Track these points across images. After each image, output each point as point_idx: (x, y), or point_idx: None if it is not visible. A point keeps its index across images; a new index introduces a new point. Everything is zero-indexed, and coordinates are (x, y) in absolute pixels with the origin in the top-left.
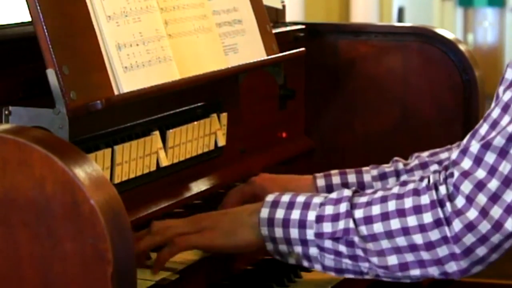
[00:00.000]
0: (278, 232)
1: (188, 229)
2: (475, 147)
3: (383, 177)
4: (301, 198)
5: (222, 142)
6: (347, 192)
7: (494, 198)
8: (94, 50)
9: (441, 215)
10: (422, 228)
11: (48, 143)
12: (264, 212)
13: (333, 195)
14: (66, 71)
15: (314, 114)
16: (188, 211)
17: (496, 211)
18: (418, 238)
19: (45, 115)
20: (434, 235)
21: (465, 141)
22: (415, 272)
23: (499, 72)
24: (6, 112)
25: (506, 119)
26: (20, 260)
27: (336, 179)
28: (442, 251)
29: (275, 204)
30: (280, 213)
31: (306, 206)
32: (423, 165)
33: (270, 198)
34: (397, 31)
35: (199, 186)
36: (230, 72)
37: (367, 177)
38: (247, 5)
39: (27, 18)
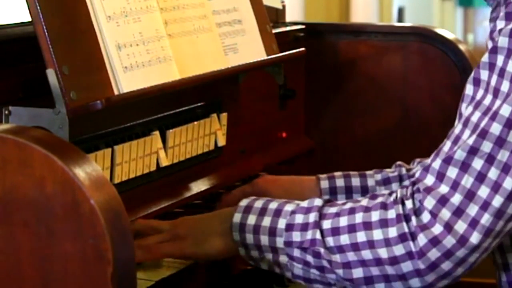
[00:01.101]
0: (249, 238)
1: (164, 237)
2: (437, 163)
3: (386, 182)
4: (273, 205)
5: (222, 142)
6: (317, 202)
7: (458, 212)
8: (94, 50)
9: (406, 230)
10: (387, 242)
11: (48, 143)
12: (237, 217)
13: (304, 203)
14: (66, 71)
15: (314, 114)
16: (188, 211)
17: (460, 226)
18: (383, 252)
19: (45, 115)
20: (399, 250)
21: (429, 160)
22: (380, 286)
23: None
24: (6, 112)
25: (466, 133)
26: (20, 260)
27: (340, 182)
28: (406, 266)
29: (247, 210)
30: (251, 219)
31: (277, 213)
32: None
33: (243, 203)
34: (397, 31)
35: (199, 186)
36: (230, 72)
37: (371, 182)
38: (247, 5)
39: (27, 18)
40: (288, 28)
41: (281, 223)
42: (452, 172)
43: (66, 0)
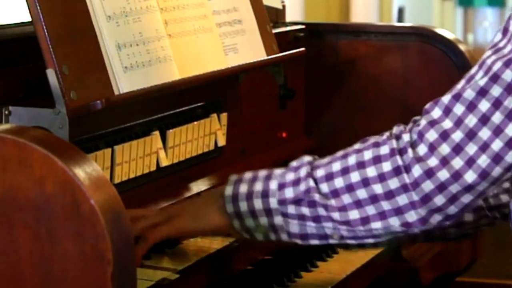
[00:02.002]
0: (243, 205)
1: (157, 220)
2: (447, 97)
3: None
4: (263, 173)
5: (222, 142)
6: (307, 158)
7: (457, 149)
8: (94, 50)
9: (400, 163)
10: (382, 178)
11: (48, 143)
12: (229, 190)
13: (293, 163)
14: (66, 71)
15: (314, 114)
16: None
17: (457, 162)
18: (378, 188)
19: (45, 115)
20: (394, 183)
21: (444, 95)
22: (377, 225)
23: None
24: (6, 112)
25: (479, 74)
26: (20, 260)
27: None
28: (402, 199)
29: (238, 181)
30: (243, 188)
31: (268, 177)
32: None
33: (233, 177)
34: (397, 31)
35: (199, 186)
36: (230, 72)
37: None
38: (247, 5)
39: (27, 18)
40: (288, 28)
41: (273, 184)
42: (458, 109)
43: (66, 0)
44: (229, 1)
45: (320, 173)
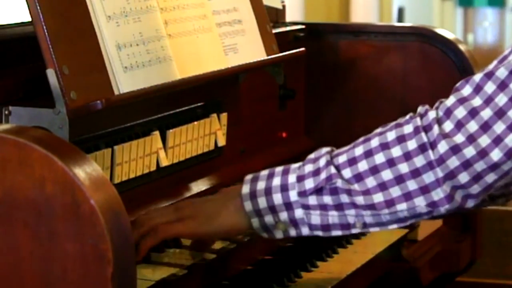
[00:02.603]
0: (262, 202)
1: (171, 218)
2: (478, 76)
3: None
4: (279, 168)
5: (222, 142)
6: (325, 149)
7: (485, 127)
8: (94, 50)
9: (425, 140)
10: (407, 156)
11: (48, 143)
12: (246, 188)
13: (311, 155)
14: (66, 71)
15: (314, 114)
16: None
17: (484, 140)
18: (403, 167)
19: (45, 115)
20: (420, 161)
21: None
22: (402, 206)
23: None
24: (6, 112)
25: None
26: (20, 260)
27: None
28: (428, 177)
29: (255, 179)
30: (261, 185)
31: (285, 172)
32: None
33: (249, 176)
34: (397, 31)
35: (199, 186)
36: (230, 72)
37: None
38: (247, 5)
39: (27, 18)
40: (288, 28)
41: (292, 178)
42: (489, 87)
43: (66, 0)
44: (229, 1)
45: (342, 159)
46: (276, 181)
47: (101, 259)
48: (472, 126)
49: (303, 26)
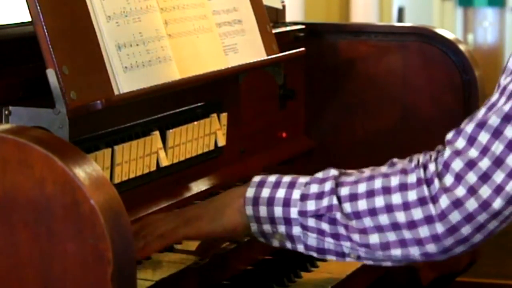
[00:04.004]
0: (263, 210)
1: (175, 223)
2: (470, 127)
3: None
4: (287, 178)
5: (222, 142)
6: (333, 172)
7: (484, 177)
8: (94, 50)
9: (426, 193)
10: (406, 206)
11: (48, 143)
12: (250, 192)
13: (319, 174)
14: (66, 71)
15: (314, 114)
16: None
17: (485, 191)
18: (401, 217)
19: (45, 115)
20: (417, 213)
21: (462, 124)
22: (396, 252)
23: (499, 72)
24: (6, 112)
25: (502, 100)
26: (20, 260)
27: None
28: (423, 231)
29: (261, 184)
30: (265, 192)
31: (291, 185)
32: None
33: (256, 178)
34: (397, 31)
35: (199, 186)
36: (230, 72)
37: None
38: (247, 5)
39: (27, 18)
40: (288, 28)
41: (296, 194)
42: (483, 137)
43: (66, 0)
44: (229, 1)
45: (344, 191)
46: (280, 193)
47: (101, 259)
48: (471, 178)
49: (303, 26)
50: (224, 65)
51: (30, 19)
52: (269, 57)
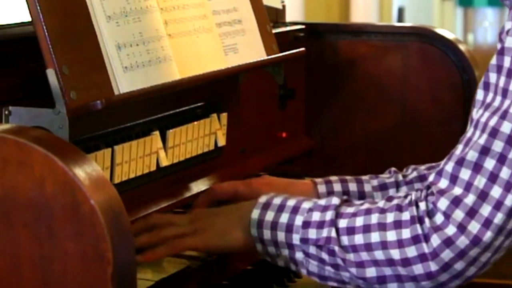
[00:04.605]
0: (267, 234)
1: (185, 230)
2: (449, 166)
3: (383, 187)
4: (291, 202)
5: (222, 142)
6: (335, 201)
7: (471, 213)
8: (94, 50)
9: (419, 232)
10: (400, 244)
11: (48, 143)
12: (255, 214)
13: (322, 201)
14: (66, 71)
15: (314, 114)
16: (188, 211)
17: (474, 226)
18: (395, 253)
19: (45, 115)
20: (411, 251)
21: (442, 163)
22: (393, 286)
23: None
24: (6, 112)
25: (477, 134)
26: (20, 260)
27: (337, 187)
28: (417, 269)
29: (266, 206)
30: (269, 216)
31: (295, 210)
32: (422, 178)
33: (262, 199)
34: (397, 31)
35: (199, 186)
36: (230, 72)
37: (367, 187)
38: (247, 5)
39: (27, 18)
40: (288, 28)
41: (298, 220)
42: (465, 174)
43: (66, 0)
44: (229, 1)
45: (342, 224)
46: (284, 218)
47: (101, 259)
48: (459, 215)
49: (303, 26)
50: (224, 65)
51: (30, 19)
52: (269, 57)
